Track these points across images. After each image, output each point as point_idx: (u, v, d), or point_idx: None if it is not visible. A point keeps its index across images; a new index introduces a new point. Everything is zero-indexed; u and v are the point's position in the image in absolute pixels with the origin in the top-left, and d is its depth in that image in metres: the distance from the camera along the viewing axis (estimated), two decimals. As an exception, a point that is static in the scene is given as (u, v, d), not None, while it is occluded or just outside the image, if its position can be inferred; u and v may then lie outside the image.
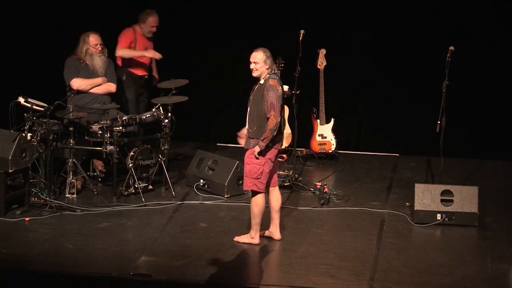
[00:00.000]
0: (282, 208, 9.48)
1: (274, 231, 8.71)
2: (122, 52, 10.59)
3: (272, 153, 8.44)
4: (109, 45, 10.37)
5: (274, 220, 8.68)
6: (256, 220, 8.55)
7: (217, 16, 11.59)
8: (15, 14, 11.61)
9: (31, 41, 11.57)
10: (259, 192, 8.47)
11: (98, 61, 10.17)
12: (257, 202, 8.51)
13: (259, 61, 8.34)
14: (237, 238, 8.71)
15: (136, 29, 10.71)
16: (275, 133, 8.31)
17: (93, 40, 10.16)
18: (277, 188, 8.66)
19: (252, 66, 8.37)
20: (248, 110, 8.44)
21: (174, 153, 11.09)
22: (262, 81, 8.38)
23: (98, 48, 10.17)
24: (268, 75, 8.37)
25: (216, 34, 11.61)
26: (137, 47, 10.67)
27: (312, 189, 10.04)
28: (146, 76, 10.85)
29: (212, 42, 11.51)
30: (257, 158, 8.36)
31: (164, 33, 11.59)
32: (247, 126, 8.47)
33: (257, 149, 8.32)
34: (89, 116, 9.98)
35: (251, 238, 8.63)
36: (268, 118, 8.28)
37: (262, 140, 8.30)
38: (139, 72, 10.79)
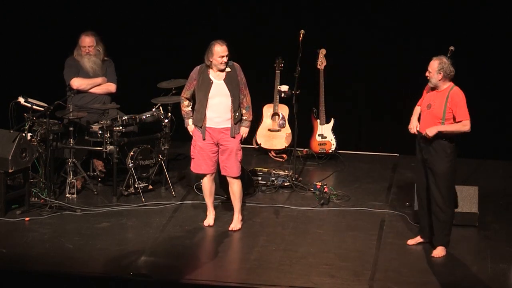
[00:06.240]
0: (282, 208, 9.55)
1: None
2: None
3: None
4: (109, 45, 10.35)
5: (213, 205, 9.11)
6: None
7: (217, 16, 11.58)
8: (15, 14, 11.61)
9: (31, 41, 11.56)
10: None
11: (85, 62, 10.08)
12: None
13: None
14: (233, 228, 8.96)
15: None
16: None
17: (82, 42, 10.11)
18: None
19: (224, 59, 8.70)
20: (231, 99, 8.64)
21: (174, 153, 11.09)
22: (228, 69, 8.71)
23: (85, 51, 10.10)
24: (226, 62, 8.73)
25: (216, 34, 11.57)
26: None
27: (312, 189, 10.04)
28: None
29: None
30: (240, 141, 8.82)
31: (164, 32, 11.61)
32: (229, 116, 8.66)
33: (246, 132, 8.78)
34: (89, 116, 9.97)
35: (241, 220, 9.03)
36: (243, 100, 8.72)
37: (247, 124, 8.75)
38: None
